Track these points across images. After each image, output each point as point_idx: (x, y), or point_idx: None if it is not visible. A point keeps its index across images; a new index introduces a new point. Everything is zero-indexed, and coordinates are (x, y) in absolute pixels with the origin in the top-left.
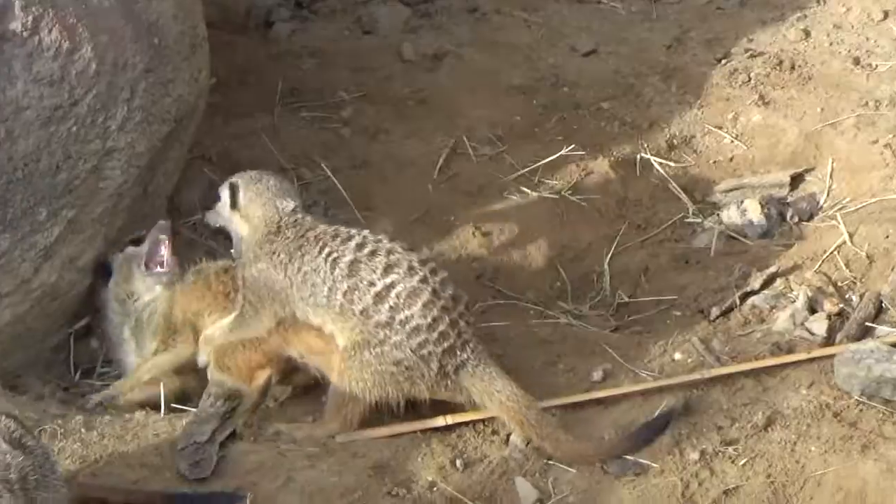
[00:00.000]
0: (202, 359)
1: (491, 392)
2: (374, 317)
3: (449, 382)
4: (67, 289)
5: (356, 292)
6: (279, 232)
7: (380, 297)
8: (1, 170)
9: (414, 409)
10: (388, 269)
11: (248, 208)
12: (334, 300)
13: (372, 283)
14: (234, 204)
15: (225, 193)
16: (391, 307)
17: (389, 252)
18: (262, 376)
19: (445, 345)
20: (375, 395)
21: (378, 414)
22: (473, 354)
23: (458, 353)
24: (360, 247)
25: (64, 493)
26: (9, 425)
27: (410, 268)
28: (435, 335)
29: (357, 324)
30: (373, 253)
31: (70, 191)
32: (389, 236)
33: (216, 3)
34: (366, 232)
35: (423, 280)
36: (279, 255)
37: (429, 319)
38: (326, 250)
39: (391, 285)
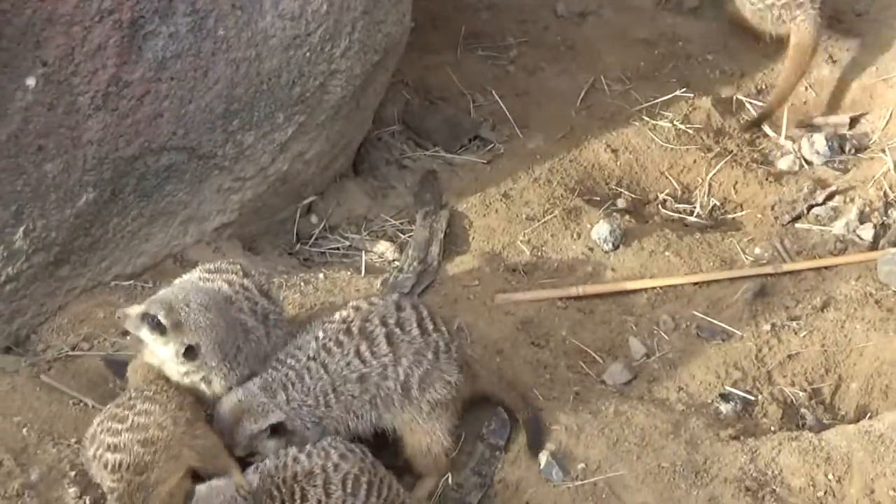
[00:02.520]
0: None
1: None
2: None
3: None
4: (295, 176)
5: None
6: None
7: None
8: (250, 83)
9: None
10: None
11: None
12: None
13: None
14: None
15: None
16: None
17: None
18: None
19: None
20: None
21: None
22: None
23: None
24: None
25: (285, 331)
26: (260, 279)
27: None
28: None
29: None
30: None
31: (302, 101)
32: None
33: None
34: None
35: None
36: None
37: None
38: None
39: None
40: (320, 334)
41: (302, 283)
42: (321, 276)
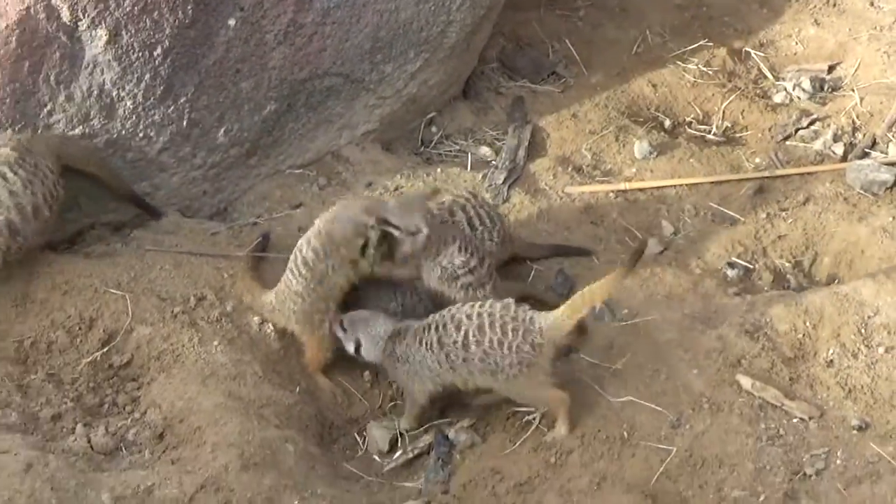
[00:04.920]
0: None
1: None
2: None
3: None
4: (421, 97)
5: None
6: None
7: None
8: (390, 28)
9: None
10: None
11: None
12: None
13: None
14: None
15: None
16: None
17: None
18: None
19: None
20: None
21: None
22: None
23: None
24: None
25: None
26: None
27: None
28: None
29: None
30: None
31: (427, 42)
32: None
33: None
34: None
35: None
36: None
37: None
38: None
39: None
40: None
41: (424, 175)
42: (438, 170)
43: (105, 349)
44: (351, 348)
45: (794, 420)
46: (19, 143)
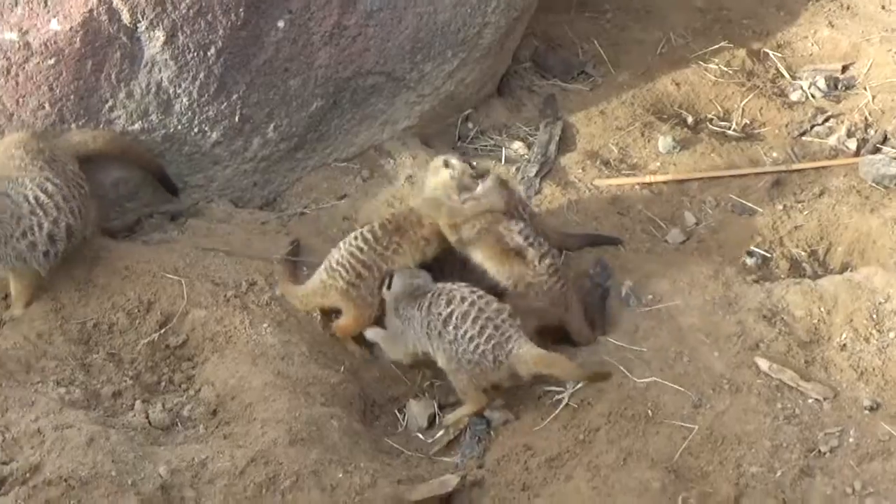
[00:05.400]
0: None
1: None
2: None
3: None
4: (458, 94)
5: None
6: None
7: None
8: (429, 29)
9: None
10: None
11: None
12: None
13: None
14: None
15: None
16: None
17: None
18: None
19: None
20: None
21: None
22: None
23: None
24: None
25: None
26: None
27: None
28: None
29: None
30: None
31: (464, 43)
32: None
33: None
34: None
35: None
36: None
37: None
38: None
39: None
40: None
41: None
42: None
43: (162, 331)
44: (385, 284)
45: (809, 400)
46: (45, 154)
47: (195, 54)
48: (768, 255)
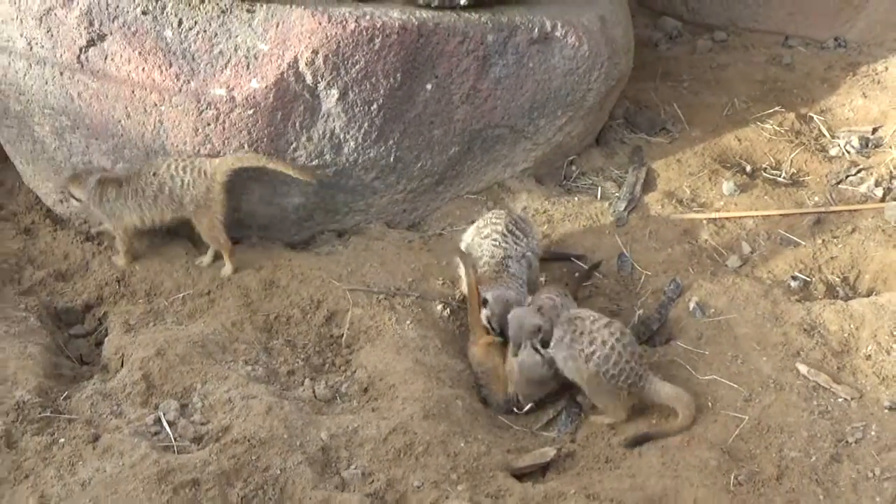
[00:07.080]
0: None
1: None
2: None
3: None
4: (565, 144)
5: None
6: None
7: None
8: (544, 92)
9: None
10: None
11: None
12: None
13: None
14: None
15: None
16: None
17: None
18: None
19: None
20: None
21: None
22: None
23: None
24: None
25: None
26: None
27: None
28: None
29: None
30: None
31: (571, 104)
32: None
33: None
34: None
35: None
36: None
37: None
38: None
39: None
40: None
41: (565, 202)
42: (575, 198)
43: (328, 324)
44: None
45: (840, 399)
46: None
47: (361, 108)
48: (809, 280)
